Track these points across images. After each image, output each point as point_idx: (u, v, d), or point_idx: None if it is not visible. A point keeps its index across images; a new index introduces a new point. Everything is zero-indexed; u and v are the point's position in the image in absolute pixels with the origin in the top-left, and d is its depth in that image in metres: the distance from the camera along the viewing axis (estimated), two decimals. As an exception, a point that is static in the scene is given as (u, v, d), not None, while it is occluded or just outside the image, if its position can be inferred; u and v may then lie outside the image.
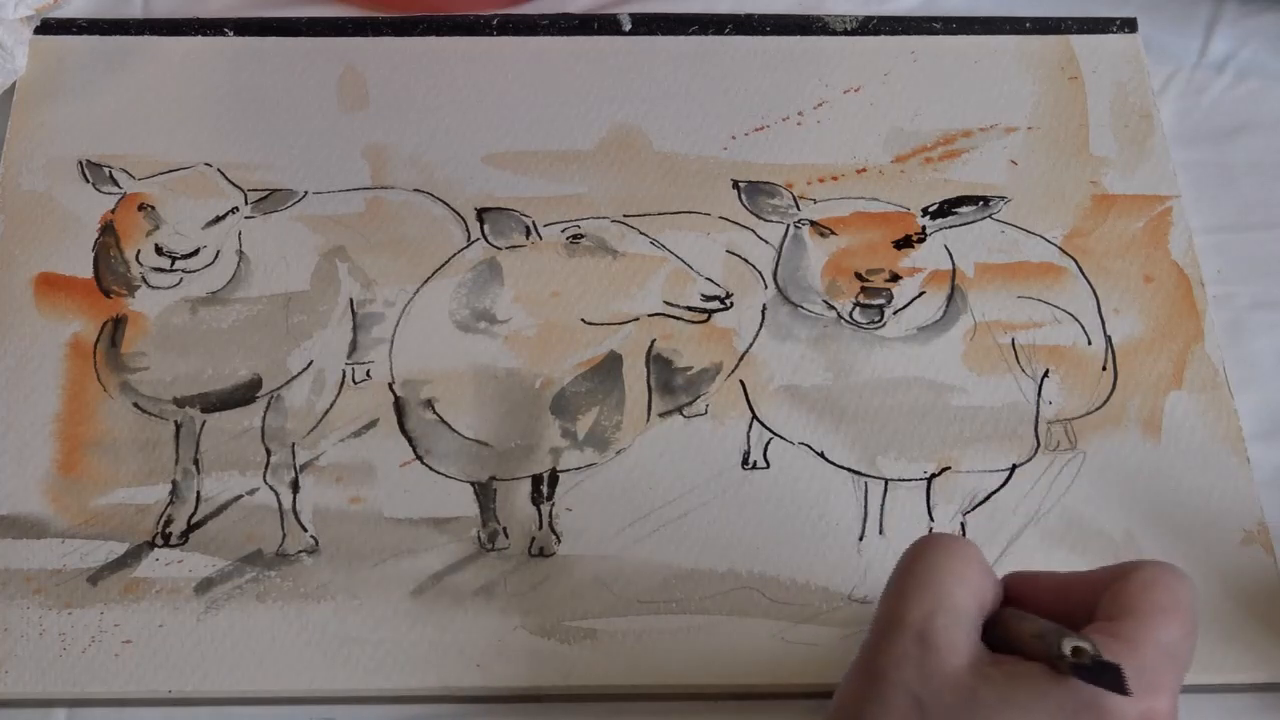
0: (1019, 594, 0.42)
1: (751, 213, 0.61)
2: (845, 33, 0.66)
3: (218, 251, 0.59)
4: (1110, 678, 0.36)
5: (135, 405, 0.56)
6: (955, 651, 0.39)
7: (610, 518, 0.53)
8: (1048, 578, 0.43)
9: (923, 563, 0.41)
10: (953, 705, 0.38)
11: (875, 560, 0.53)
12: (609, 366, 0.57)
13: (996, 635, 0.40)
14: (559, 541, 0.53)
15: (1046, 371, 0.57)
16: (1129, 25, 0.67)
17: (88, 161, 0.61)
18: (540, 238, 0.59)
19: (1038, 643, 0.39)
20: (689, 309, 0.58)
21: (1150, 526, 0.53)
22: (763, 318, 0.58)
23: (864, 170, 0.62)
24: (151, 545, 0.53)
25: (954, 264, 0.59)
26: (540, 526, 0.53)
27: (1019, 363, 0.57)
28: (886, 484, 0.54)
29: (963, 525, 0.53)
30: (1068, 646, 0.37)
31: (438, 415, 0.55)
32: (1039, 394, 0.56)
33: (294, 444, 0.55)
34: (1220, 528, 0.53)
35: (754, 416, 0.56)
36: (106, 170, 0.61)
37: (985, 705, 0.38)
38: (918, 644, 0.39)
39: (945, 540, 0.42)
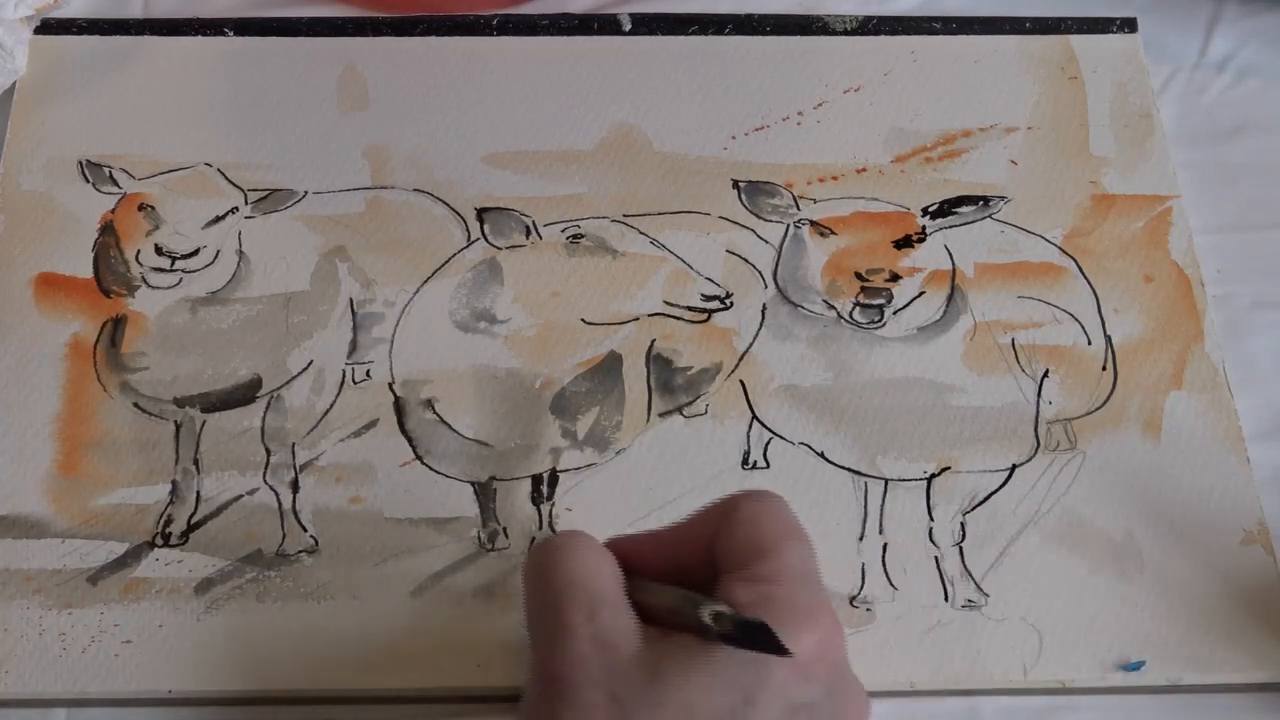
0: (628, 559, 0.42)
1: (751, 213, 0.61)
2: (845, 33, 0.66)
3: (218, 251, 0.59)
4: (760, 635, 0.37)
5: (135, 405, 0.56)
6: (627, 639, 0.39)
7: (610, 518, 0.53)
8: (645, 538, 0.44)
9: (558, 566, 0.41)
10: (645, 688, 0.38)
11: (875, 560, 0.53)
12: (609, 366, 0.57)
13: (637, 611, 0.40)
14: (559, 541, 0.53)
15: (1046, 371, 0.57)
16: (1129, 25, 0.67)
17: (88, 161, 0.61)
18: (540, 238, 0.59)
19: (676, 616, 0.39)
20: (689, 309, 0.58)
21: (1150, 526, 0.53)
22: (763, 318, 0.58)
23: (864, 170, 0.62)
24: (151, 545, 0.53)
25: (954, 264, 0.59)
26: (540, 526, 0.53)
27: (1019, 363, 0.57)
28: (886, 484, 0.54)
29: (963, 525, 0.53)
30: (706, 615, 0.37)
31: (438, 415, 0.55)
32: (1039, 394, 0.56)
33: (294, 444, 0.55)
34: (1220, 528, 0.53)
35: (754, 416, 0.56)
36: (106, 170, 0.61)
37: (671, 678, 0.38)
38: (591, 643, 0.39)
39: (566, 538, 0.42)
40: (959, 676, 0.50)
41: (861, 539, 0.53)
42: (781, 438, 0.55)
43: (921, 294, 0.58)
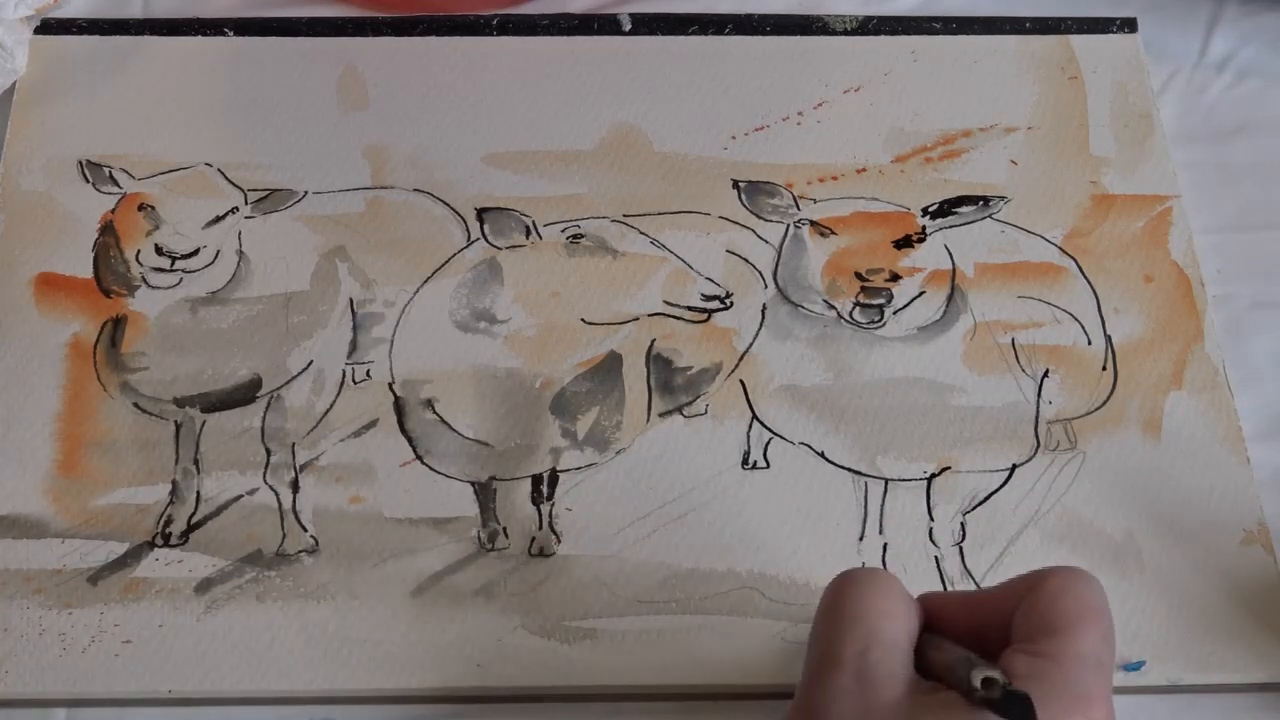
0: (933, 616, 0.42)
1: (751, 212, 0.61)
2: (845, 33, 0.66)
3: (218, 251, 0.59)
4: (1021, 707, 0.36)
5: (135, 405, 0.56)
6: (892, 684, 0.39)
7: (610, 518, 0.53)
8: (958, 596, 0.44)
9: (849, 599, 0.41)
10: None
11: (875, 560, 0.53)
12: (609, 366, 0.57)
13: (921, 663, 0.40)
14: (559, 541, 0.53)
15: (1046, 371, 0.57)
16: (1129, 25, 0.67)
17: (88, 161, 0.61)
18: (540, 238, 0.59)
19: (950, 674, 0.39)
20: (689, 309, 0.58)
21: (1150, 526, 0.53)
22: (763, 317, 0.58)
23: (864, 170, 0.62)
24: (151, 545, 0.53)
25: (954, 264, 0.59)
26: (540, 526, 0.53)
27: (1019, 363, 0.57)
28: (886, 484, 0.54)
29: (963, 525, 0.53)
30: (977, 678, 0.37)
31: (438, 415, 0.55)
32: (1039, 394, 0.56)
33: (294, 444, 0.55)
34: (1220, 528, 0.53)
35: (754, 416, 0.56)
36: (106, 170, 0.61)
37: None
38: (855, 679, 0.39)
39: (868, 575, 0.42)
40: (959, 676, 0.50)
41: (861, 539, 0.53)
42: (781, 438, 0.55)
43: (921, 294, 0.58)
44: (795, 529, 0.53)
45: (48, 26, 0.66)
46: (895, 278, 0.58)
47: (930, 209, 0.60)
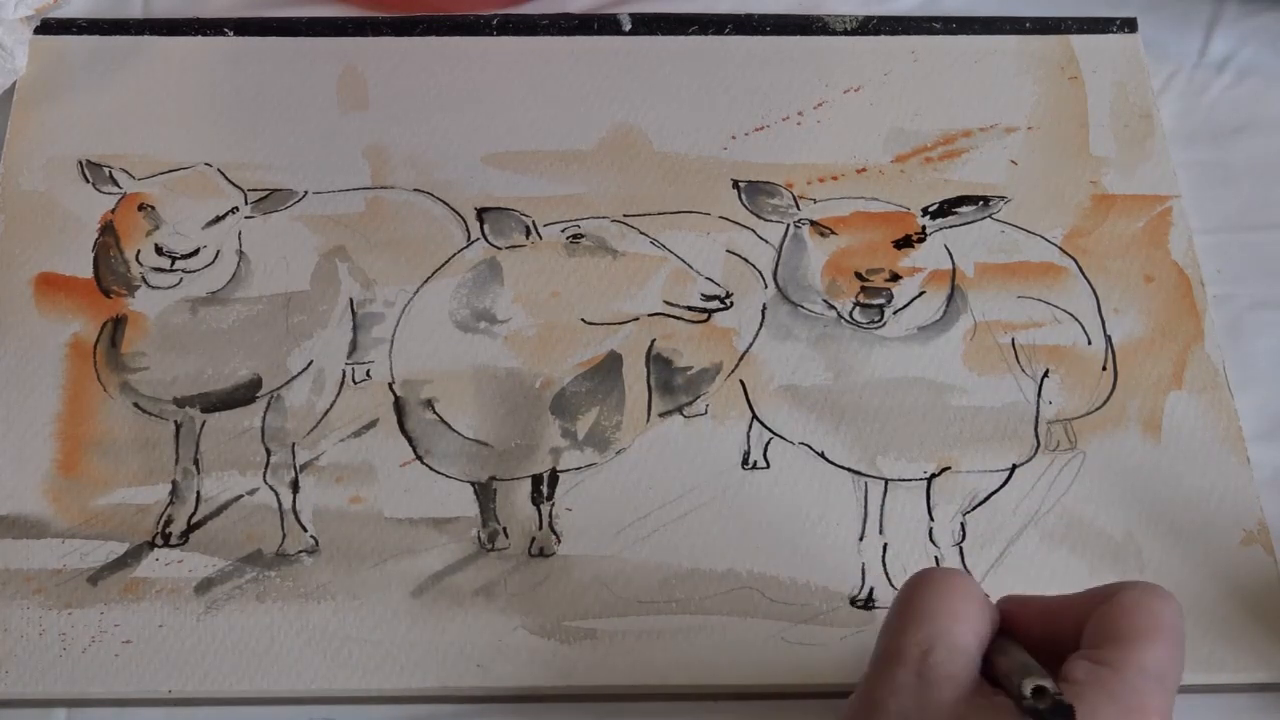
0: (1011, 619, 0.43)
1: (751, 212, 0.61)
2: (845, 33, 0.66)
3: (218, 251, 0.59)
4: (1063, 718, 0.36)
5: (135, 405, 0.56)
6: (950, 685, 0.39)
7: (610, 518, 0.53)
8: (1036, 602, 0.43)
9: (921, 597, 0.41)
10: None
11: (875, 560, 0.53)
12: (609, 366, 0.57)
13: (988, 668, 0.41)
14: (559, 541, 0.53)
15: (1046, 371, 0.57)
16: (1129, 25, 0.67)
17: (88, 161, 0.61)
18: (540, 238, 0.59)
19: (1007, 680, 0.39)
20: (689, 309, 0.58)
21: (1150, 526, 0.53)
22: (763, 317, 0.58)
23: (864, 170, 0.62)
24: (151, 545, 0.53)
25: (954, 264, 0.59)
26: (540, 526, 0.53)
27: (1019, 363, 0.57)
28: (886, 484, 0.54)
29: (963, 525, 0.53)
30: (1028, 687, 0.37)
31: (438, 415, 0.55)
32: (1039, 394, 0.56)
33: (294, 444, 0.55)
34: (1220, 528, 0.53)
35: (754, 416, 0.56)
36: (106, 170, 0.61)
37: None
38: (915, 676, 0.39)
39: (943, 575, 0.42)
40: (959, 676, 0.50)
41: (862, 539, 0.53)
42: (781, 438, 0.55)
43: (921, 294, 0.58)
44: (795, 529, 0.53)
45: (48, 26, 0.66)
46: (895, 278, 0.58)
47: (930, 209, 0.60)
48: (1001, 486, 0.54)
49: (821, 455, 0.55)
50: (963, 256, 0.59)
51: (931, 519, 0.54)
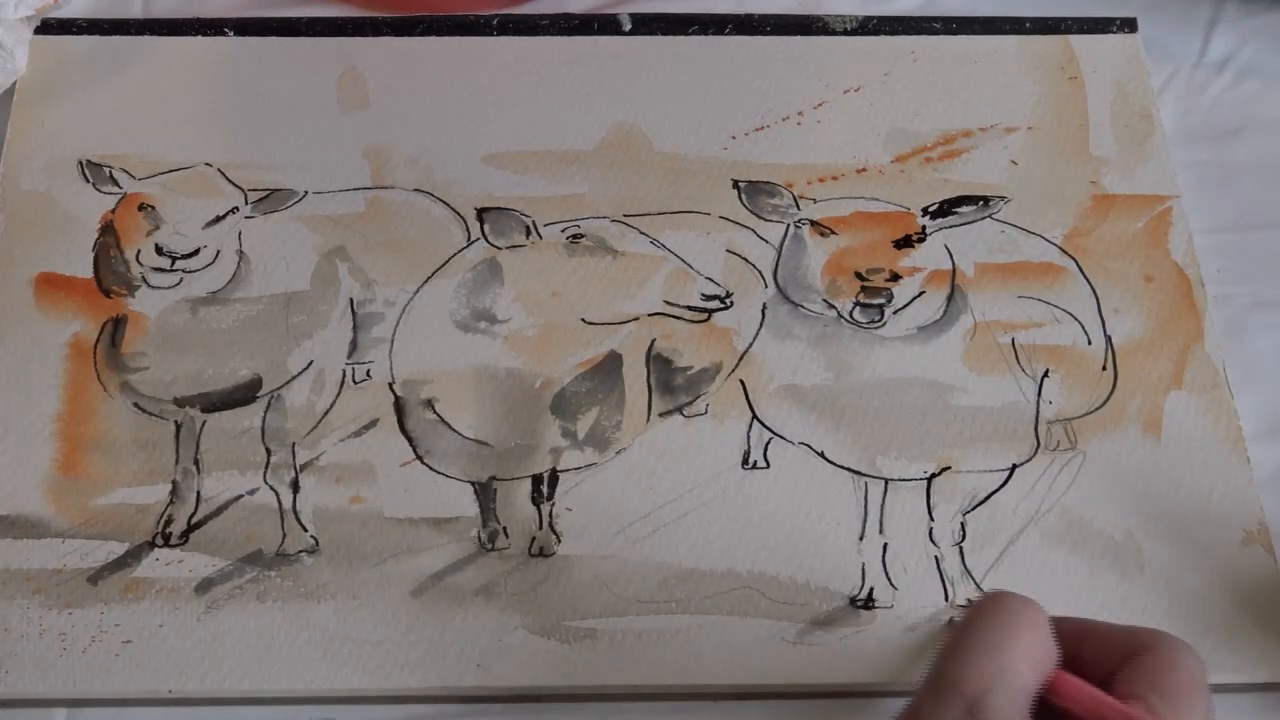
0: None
1: (751, 212, 0.61)
2: (845, 33, 0.66)
3: (218, 251, 0.59)
4: None
5: (135, 405, 0.56)
6: None
7: (610, 518, 0.53)
8: (1071, 625, 0.43)
9: (989, 627, 0.40)
10: None
11: (875, 560, 0.53)
12: (609, 366, 0.57)
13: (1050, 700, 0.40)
14: (559, 541, 0.53)
15: (1046, 371, 0.57)
16: (1129, 25, 0.67)
17: (88, 161, 0.61)
18: (540, 237, 0.59)
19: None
20: (689, 308, 0.58)
21: (1150, 526, 0.53)
22: (763, 317, 0.58)
23: (864, 170, 0.62)
24: (151, 545, 0.53)
25: (954, 264, 0.59)
26: (540, 526, 0.53)
27: (1019, 363, 0.57)
28: (886, 484, 0.54)
29: (963, 525, 0.53)
30: None
31: (438, 415, 0.55)
32: (1039, 394, 0.56)
33: (294, 444, 0.55)
34: (1220, 528, 0.53)
35: (754, 416, 0.56)
36: (106, 170, 0.61)
37: None
38: (967, 715, 0.38)
39: (1015, 604, 0.41)
40: (959, 676, 0.50)
41: (862, 539, 0.53)
42: (781, 438, 0.55)
43: (921, 294, 0.58)
44: (795, 529, 0.53)
45: (48, 26, 0.66)
46: (895, 277, 0.58)
47: (930, 209, 0.60)
48: (1001, 486, 0.54)
49: (821, 455, 0.55)
50: (963, 256, 0.59)
51: (931, 519, 0.54)
